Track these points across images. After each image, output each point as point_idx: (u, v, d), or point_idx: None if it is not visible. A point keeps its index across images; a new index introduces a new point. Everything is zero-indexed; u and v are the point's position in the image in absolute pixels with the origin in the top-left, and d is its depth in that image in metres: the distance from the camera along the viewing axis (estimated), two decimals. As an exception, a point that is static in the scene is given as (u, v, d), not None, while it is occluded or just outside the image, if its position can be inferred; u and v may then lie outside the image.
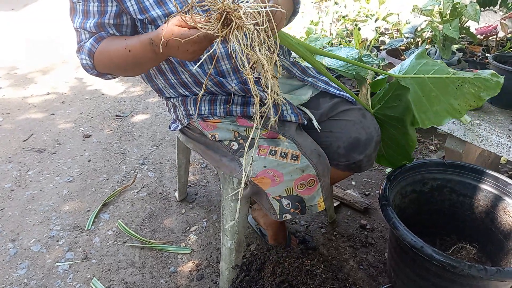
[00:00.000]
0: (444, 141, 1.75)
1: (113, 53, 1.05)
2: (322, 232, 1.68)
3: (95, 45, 1.07)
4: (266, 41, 0.80)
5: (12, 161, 2.19)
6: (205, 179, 2.06)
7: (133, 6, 1.06)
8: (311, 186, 1.10)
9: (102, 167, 2.15)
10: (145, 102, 2.95)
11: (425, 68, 1.21)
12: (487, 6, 2.20)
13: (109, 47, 1.06)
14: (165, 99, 1.33)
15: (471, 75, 1.16)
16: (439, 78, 1.17)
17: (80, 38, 1.11)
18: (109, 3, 1.06)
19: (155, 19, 1.06)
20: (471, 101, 1.16)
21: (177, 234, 1.68)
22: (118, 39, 1.07)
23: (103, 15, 1.07)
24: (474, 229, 1.35)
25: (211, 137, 1.20)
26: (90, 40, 1.07)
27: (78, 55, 1.12)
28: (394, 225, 1.09)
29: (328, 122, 1.21)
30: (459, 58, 1.97)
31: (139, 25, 1.10)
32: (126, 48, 1.00)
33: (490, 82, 1.15)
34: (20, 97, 2.99)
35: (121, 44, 1.02)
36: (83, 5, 1.07)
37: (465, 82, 1.15)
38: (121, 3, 1.06)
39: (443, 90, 1.17)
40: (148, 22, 1.07)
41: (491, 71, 1.17)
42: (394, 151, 1.31)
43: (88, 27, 1.07)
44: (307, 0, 4.39)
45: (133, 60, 1.01)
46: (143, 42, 0.96)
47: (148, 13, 1.06)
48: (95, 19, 1.07)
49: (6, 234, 1.67)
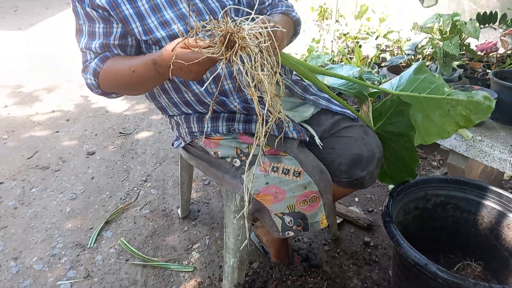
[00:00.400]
0: (446, 157, 1.74)
1: (118, 72, 1.06)
2: (325, 250, 1.66)
3: (100, 65, 1.09)
4: (269, 61, 0.81)
5: (16, 179, 2.20)
6: (208, 196, 2.06)
7: (138, 28, 1.08)
8: (313, 202, 1.09)
9: (105, 184, 2.16)
10: (149, 120, 2.97)
11: (422, 85, 1.24)
12: (487, 23, 2.23)
13: (113, 67, 1.08)
14: (168, 117, 1.35)
15: (465, 98, 1.19)
16: (433, 98, 1.20)
17: (85, 58, 1.13)
18: (114, 25, 1.09)
19: (159, 40, 1.08)
20: (461, 122, 1.20)
21: (180, 251, 1.67)
22: (122, 59, 1.09)
23: (108, 36, 1.09)
24: (478, 246, 1.34)
25: (214, 154, 1.21)
26: (95, 60, 1.09)
27: (83, 75, 1.14)
28: (398, 242, 1.08)
29: (330, 139, 1.22)
30: (459, 74, 1.98)
31: (143, 45, 1.12)
32: (130, 69, 1.02)
33: (482, 105, 1.18)
34: (25, 115, 3.02)
35: (125, 64, 1.04)
36: (88, 26, 1.10)
37: (458, 104, 1.19)
38: (126, 25, 1.08)
39: (436, 111, 1.21)
40: (153, 43, 1.09)
41: (484, 94, 1.20)
42: (397, 167, 1.31)
43: (94, 48, 1.09)
44: (308, 18, 4.45)
45: (137, 79, 1.03)
46: (146, 62, 0.98)
47: (152, 34, 1.08)
48: (100, 40, 1.09)
49: (8, 252, 1.67)
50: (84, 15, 1.09)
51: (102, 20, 1.08)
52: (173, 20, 1.09)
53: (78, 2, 1.07)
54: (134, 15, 1.08)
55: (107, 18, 1.08)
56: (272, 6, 1.28)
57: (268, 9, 1.28)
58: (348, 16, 3.97)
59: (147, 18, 1.08)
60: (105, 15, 1.07)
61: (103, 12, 1.07)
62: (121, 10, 1.07)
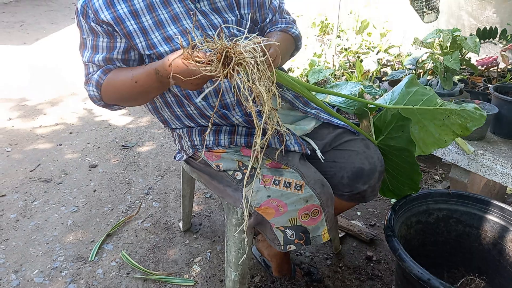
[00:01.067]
0: (449, 171, 1.74)
1: (120, 83, 1.08)
2: (328, 264, 1.65)
3: (103, 77, 1.10)
4: (265, 73, 0.83)
5: (18, 191, 2.21)
6: (210, 209, 2.06)
7: (141, 43, 1.10)
8: (315, 216, 1.09)
9: (107, 197, 2.16)
10: (151, 133, 2.98)
11: (414, 98, 1.26)
12: (487, 38, 2.25)
13: (116, 78, 1.10)
14: (170, 130, 1.36)
15: (457, 107, 1.22)
16: (427, 109, 1.23)
17: (88, 71, 1.15)
18: (118, 39, 1.11)
19: (162, 54, 1.10)
20: (458, 131, 1.22)
21: (181, 265, 1.66)
22: (124, 70, 1.10)
23: (112, 51, 1.11)
24: (482, 261, 1.33)
25: (216, 167, 1.21)
26: (98, 72, 1.11)
27: (85, 87, 1.15)
28: (400, 257, 1.07)
29: (331, 152, 1.22)
30: (460, 88, 1.99)
31: (146, 60, 1.14)
32: (132, 79, 1.04)
33: (475, 115, 1.20)
34: (29, 128, 3.04)
35: (127, 75, 1.06)
36: (92, 40, 1.12)
37: (452, 113, 1.21)
38: (130, 40, 1.10)
39: (431, 121, 1.23)
40: (156, 57, 1.11)
41: (474, 105, 1.24)
42: (399, 182, 1.31)
43: (96, 61, 1.11)
44: (310, 34, 4.50)
45: (139, 89, 1.05)
46: (148, 72, 1.00)
47: (155, 49, 1.10)
48: (104, 54, 1.11)
49: (9, 265, 1.66)
50: (88, 29, 1.11)
51: (106, 34, 1.10)
52: (176, 36, 1.11)
53: (82, 16, 1.09)
54: (138, 31, 1.10)
55: (111, 33, 1.10)
56: (273, 22, 1.30)
57: (268, 26, 1.30)
58: (349, 31, 4.02)
59: (150, 34, 1.10)
60: (109, 30, 1.09)
61: (108, 27, 1.09)
62: (126, 25, 1.09)
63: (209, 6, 1.17)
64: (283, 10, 1.35)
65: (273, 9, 1.30)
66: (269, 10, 1.29)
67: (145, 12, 1.10)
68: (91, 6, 1.08)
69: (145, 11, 1.10)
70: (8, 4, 7.37)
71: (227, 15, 1.19)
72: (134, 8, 1.09)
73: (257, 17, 1.27)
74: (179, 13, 1.13)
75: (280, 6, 1.34)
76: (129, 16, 1.09)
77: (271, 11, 1.30)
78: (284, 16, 1.34)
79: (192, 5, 1.15)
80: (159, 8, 1.11)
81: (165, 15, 1.12)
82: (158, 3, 1.11)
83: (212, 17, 1.16)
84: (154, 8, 1.11)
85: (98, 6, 1.08)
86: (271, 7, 1.30)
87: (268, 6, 1.29)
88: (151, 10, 1.11)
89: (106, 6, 1.08)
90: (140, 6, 1.10)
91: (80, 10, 1.10)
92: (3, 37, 5.54)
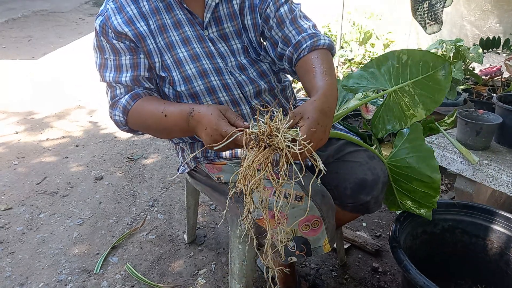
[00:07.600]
0: (454, 181, 1.73)
1: (148, 114, 1.06)
2: (333, 276, 1.64)
3: (131, 103, 1.09)
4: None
5: (25, 204, 2.22)
6: (214, 221, 2.06)
7: (158, 63, 1.11)
8: (315, 227, 1.09)
9: (113, 209, 2.17)
10: (156, 145, 3.00)
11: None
12: (490, 48, 2.25)
13: (146, 107, 1.07)
14: (173, 143, 1.37)
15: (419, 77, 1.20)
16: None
17: (114, 93, 1.12)
18: (142, 56, 1.11)
19: (174, 78, 1.11)
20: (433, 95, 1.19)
21: (186, 277, 1.66)
22: (156, 101, 1.08)
23: (137, 68, 1.10)
24: (489, 272, 1.31)
25: (217, 179, 1.21)
26: (126, 97, 1.09)
27: (110, 111, 1.13)
28: (406, 268, 1.07)
29: (334, 164, 1.22)
30: (465, 98, 1.99)
31: (158, 81, 1.15)
32: (163, 112, 1.02)
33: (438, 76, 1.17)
34: (36, 141, 3.07)
35: (158, 107, 1.04)
36: (114, 60, 1.10)
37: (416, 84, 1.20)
38: (149, 58, 1.11)
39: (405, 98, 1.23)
40: (168, 81, 1.12)
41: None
42: (413, 200, 1.26)
43: (124, 81, 1.10)
44: (314, 45, 4.51)
45: (165, 124, 1.03)
46: (183, 110, 0.97)
47: (170, 72, 1.11)
48: (130, 72, 1.10)
49: (15, 278, 1.67)
50: (110, 49, 1.10)
51: (129, 51, 1.09)
52: (186, 60, 1.12)
53: (103, 36, 1.09)
54: (157, 50, 1.11)
55: (134, 48, 1.10)
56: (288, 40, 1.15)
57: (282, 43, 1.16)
58: (352, 42, 4.04)
59: (164, 55, 1.11)
60: (132, 46, 1.09)
61: (130, 43, 1.09)
62: (147, 43, 1.09)
63: (217, 32, 1.17)
64: (297, 16, 1.15)
65: (278, 19, 1.14)
66: (275, 22, 1.15)
67: (158, 33, 1.11)
68: (109, 25, 1.08)
69: (157, 32, 1.11)
70: (17, 19, 7.50)
71: (234, 42, 1.18)
72: (150, 28, 1.10)
73: (265, 38, 1.21)
74: (190, 37, 1.13)
75: (289, 13, 1.15)
76: (149, 34, 1.10)
77: (277, 23, 1.15)
78: (298, 23, 1.14)
79: (201, 31, 1.15)
80: (170, 30, 1.12)
81: (176, 37, 1.12)
82: (170, 25, 1.12)
83: (219, 45, 1.17)
84: (165, 30, 1.12)
85: (117, 24, 1.08)
86: (276, 15, 1.15)
87: (274, 15, 1.15)
88: (163, 31, 1.11)
89: (125, 23, 1.08)
90: (154, 27, 1.11)
91: (99, 30, 1.09)
92: (12, 52, 5.63)
